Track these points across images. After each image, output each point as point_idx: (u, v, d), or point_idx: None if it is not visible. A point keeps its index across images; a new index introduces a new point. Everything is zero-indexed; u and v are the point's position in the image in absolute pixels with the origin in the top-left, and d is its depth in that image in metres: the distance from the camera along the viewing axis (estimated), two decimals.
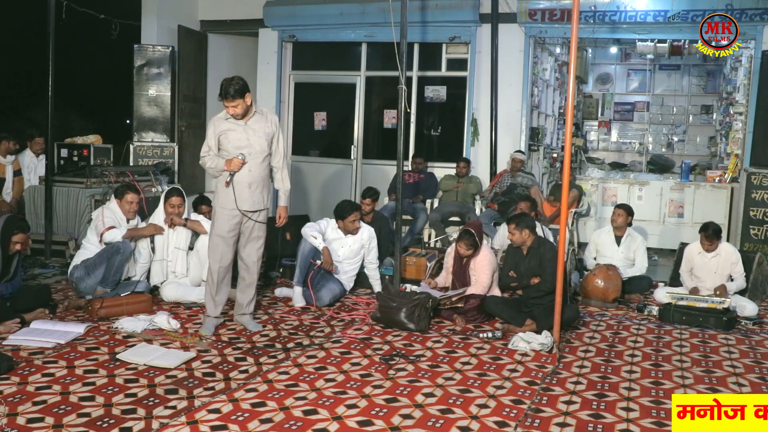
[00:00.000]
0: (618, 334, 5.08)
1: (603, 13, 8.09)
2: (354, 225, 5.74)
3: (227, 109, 4.54)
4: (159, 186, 7.30)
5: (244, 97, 4.50)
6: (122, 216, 5.54)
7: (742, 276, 5.85)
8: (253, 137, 4.63)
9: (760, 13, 7.60)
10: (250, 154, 4.60)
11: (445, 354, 4.44)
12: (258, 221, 4.75)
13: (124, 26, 9.75)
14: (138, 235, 5.51)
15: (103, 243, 5.35)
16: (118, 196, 5.60)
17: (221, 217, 4.67)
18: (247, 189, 4.64)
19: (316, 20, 9.21)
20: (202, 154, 4.71)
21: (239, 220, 4.69)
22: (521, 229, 5.19)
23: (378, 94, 9.55)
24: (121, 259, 5.31)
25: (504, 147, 8.48)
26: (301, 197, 9.72)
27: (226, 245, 4.71)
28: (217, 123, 4.66)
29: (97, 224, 5.39)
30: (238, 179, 4.60)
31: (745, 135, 8.03)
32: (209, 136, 4.67)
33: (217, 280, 4.74)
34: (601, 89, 12.82)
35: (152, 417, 3.29)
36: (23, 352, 4.14)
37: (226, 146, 4.61)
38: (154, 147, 8.95)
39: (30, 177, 7.98)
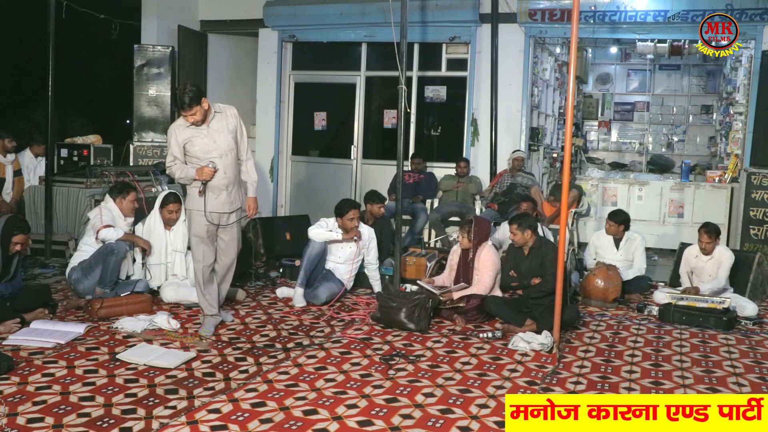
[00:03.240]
0: (618, 334, 5.08)
1: (603, 13, 8.10)
2: (352, 223, 5.74)
3: (186, 118, 4.49)
4: (159, 186, 7.30)
5: (200, 103, 4.45)
6: (120, 214, 5.55)
7: (725, 279, 5.80)
8: (218, 138, 4.59)
9: (760, 13, 7.60)
10: (219, 156, 4.58)
11: (445, 354, 4.44)
12: (230, 223, 4.74)
13: (124, 26, 9.74)
14: (131, 241, 5.51)
15: (98, 241, 5.35)
16: (120, 194, 5.60)
17: (196, 219, 4.66)
18: (225, 191, 4.65)
19: (316, 20, 9.22)
20: (168, 164, 4.67)
21: (217, 221, 4.69)
22: (523, 229, 5.18)
23: (378, 94, 9.55)
24: (116, 259, 5.31)
25: (504, 147, 8.49)
26: (301, 197, 9.72)
27: (205, 245, 4.70)
28: (178, 131, 4.59)
29: (95, 222, 5.40)
30: (214, 184, 4.59)
31: (745, 135, 8.03)
32: (172, 146, 4.60)
33: (203, 279, 4.74)
34: (601, 89, 12.82)
35: (152, 417, 3.29)
36: (23, 352, 4.14)
37: (194, 153, 4.57)
38: (154, 147, 8.94)
39: (30, 177, 7.98)
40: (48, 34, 6.88)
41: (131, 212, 5.65)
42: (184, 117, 4.50)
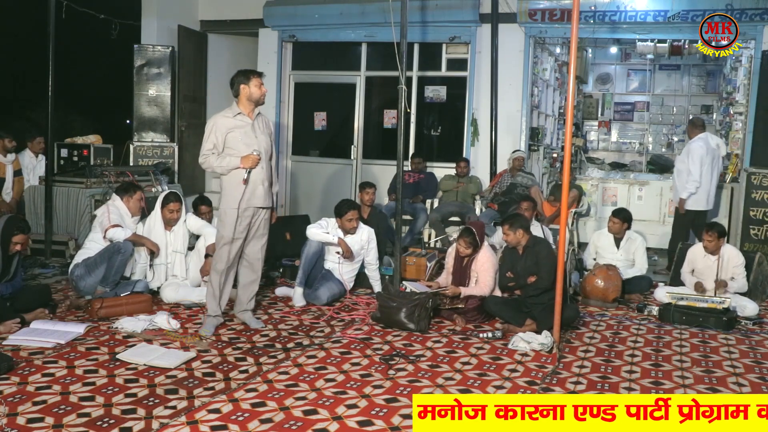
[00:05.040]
0: (618, 334, 5.08)
1: (603, 13, 8.10)
2: (351, 224, 5.75)
3: (260, 87, 4.61)
4: (159, 186, 7.30)
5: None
6: (127, 213, 5.57)
7: (743, 278, 5.84)
8: (260, 135, 4.68)
9: (760, 13, 7.60)
10: (260, 152, 4.63)
11: (445, 354, 4.44)
12: (266, 218, 4.81)
13: (124, 26, 9.75)
14: (139, 242, 5.50)
15: (106, 240, 5.35)
16: (127, 193, 5.61)
17: (231, 218, 4.64)
18: (261, 186, 4.67)
19: (316, 20, 9.22)
20: (204, 153, 4.64)
21: (250, 220, 4.70)
22: (515, 229, 5.20)
23: (378, 94, 9.56)
24: (122, 259, 5.31)
25: (504, 147, 8.49)
26: (301, 197, 9.73)
27: (234, 247, 4.70)
28: (221, 121, 4.64)
29: (102, 220, 5.40)
30: (252, 177, 4.61)
31: (745, 135, 8.03)
32: (213, 134, 4.61)
33: (222, 281, 4.74)
34: (601, 89, 12.82)
35: (152, 417, 3.29)
36: (23, 352, 4.14)
37: (235, 144, 4.60)
38: (154, 147, 8.95)
39: (30, 177, 7.98)
40: (48, 34, 6.88)
41: (138, 211, 5.66)
42: (257, 87, 4.60)
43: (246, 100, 4.64)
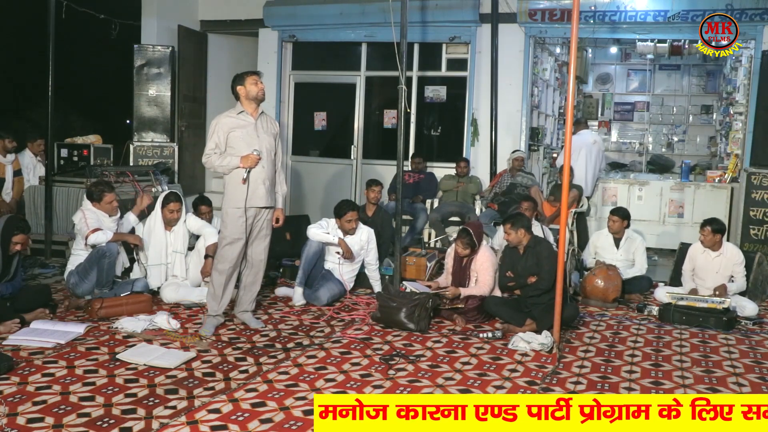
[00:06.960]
0: (618, 334, 5.08)
1: (603, 13, 8.10)
2: (350, 225, 5.75)
3: (256, 84, 4.63)
4: (159, 186, 7.30)
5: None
6: (103, 214, 5.45)
7: (743, 277, 5.84)
8: (263, 135, 4.68)
9: (760, 13, 7.60)
10: (261, 152, 4.63)
11: (445, 354, 4.44)
12: (268, 218, 4.81)
13: (124, 26, 9.75)
14: (122, 240, 5.46)
15: (88, 246, 5.31)
16: (94, 198, 5.45)
17: (233, 218, 4.65)
18: (263, 185, 4.67)
19: (316, 20, 9.21)
20: (207, 153, 4.67)
21: (252, 220, 4.70)
22: (516, 228, 5.20)
23: (378, 94, 9.55)
24: (110, 261, 5.26)
25: (504, 147, 8.48)
26: (301, 197, 9.72)
27: (237, 247, 4.70)
28: (224, 120, 4.67)
29: (81, 227, 5.32)
30: (252, 177, 4.61)
31: (745, 135, 8.03)
32: (216, 133, 4.64)
33: (225, 282, 4.74)
34: (601, 89, 12.82)
35: (152, 417, 3.29)
36: (23, 352, 4.14)
37: (237, 144, 4.61)
38: (154, 147, 8.94)
39: (30, 177, 7.98)
40: (48, 34, 6.88)
41: (114, 211, 5.53)
42: (254, 86, 4.63)
43: (246, 99, 4.66)
